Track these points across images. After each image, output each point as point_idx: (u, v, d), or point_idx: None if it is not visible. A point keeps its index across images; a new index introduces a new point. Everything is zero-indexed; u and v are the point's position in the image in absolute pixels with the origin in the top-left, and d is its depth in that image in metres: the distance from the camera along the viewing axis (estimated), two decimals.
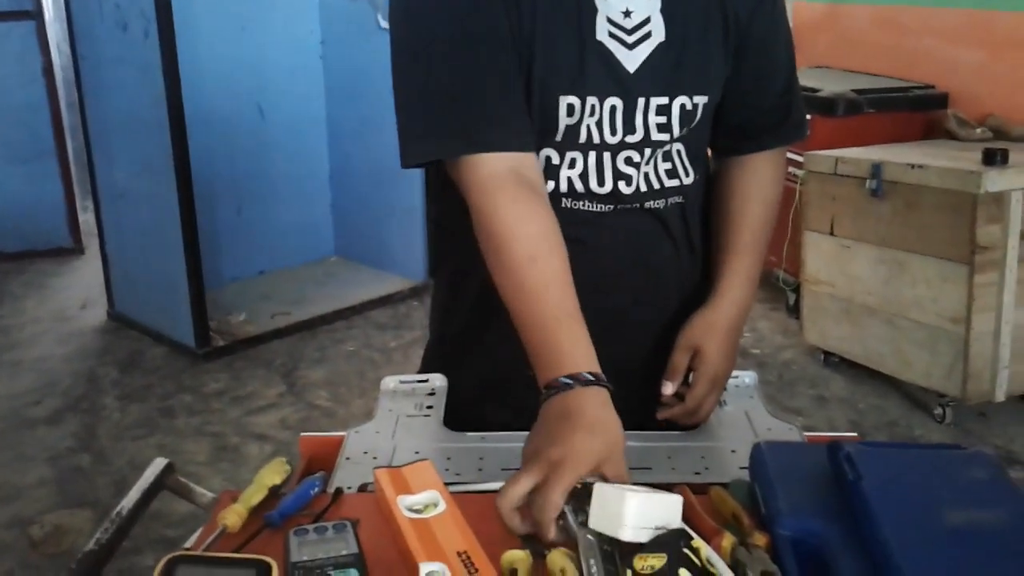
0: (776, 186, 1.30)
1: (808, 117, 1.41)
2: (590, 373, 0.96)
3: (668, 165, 1.18)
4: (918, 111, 3.97)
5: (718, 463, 1.07)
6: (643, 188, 1.16)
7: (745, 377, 1.30)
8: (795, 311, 3.95)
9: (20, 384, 3.55)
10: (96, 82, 3.77)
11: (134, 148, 3.71)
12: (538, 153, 1.12)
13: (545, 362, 0.98)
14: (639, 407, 1.27)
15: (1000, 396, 3.03)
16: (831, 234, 3.38)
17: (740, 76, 1.20)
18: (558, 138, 1.12)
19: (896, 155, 3.21)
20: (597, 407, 0.94)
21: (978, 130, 3.62)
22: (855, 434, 1.22)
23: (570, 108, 1.10)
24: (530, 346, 1.01)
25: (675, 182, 1.19)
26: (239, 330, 3.90)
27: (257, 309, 4.11)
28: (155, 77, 3.39)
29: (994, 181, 2.86)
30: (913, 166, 3.05)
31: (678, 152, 1.18)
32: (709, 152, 1.29)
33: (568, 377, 0.96)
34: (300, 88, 4.46)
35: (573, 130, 1.11)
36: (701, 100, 1.15)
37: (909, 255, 3.12)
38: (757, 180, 1.27)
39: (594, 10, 1.09)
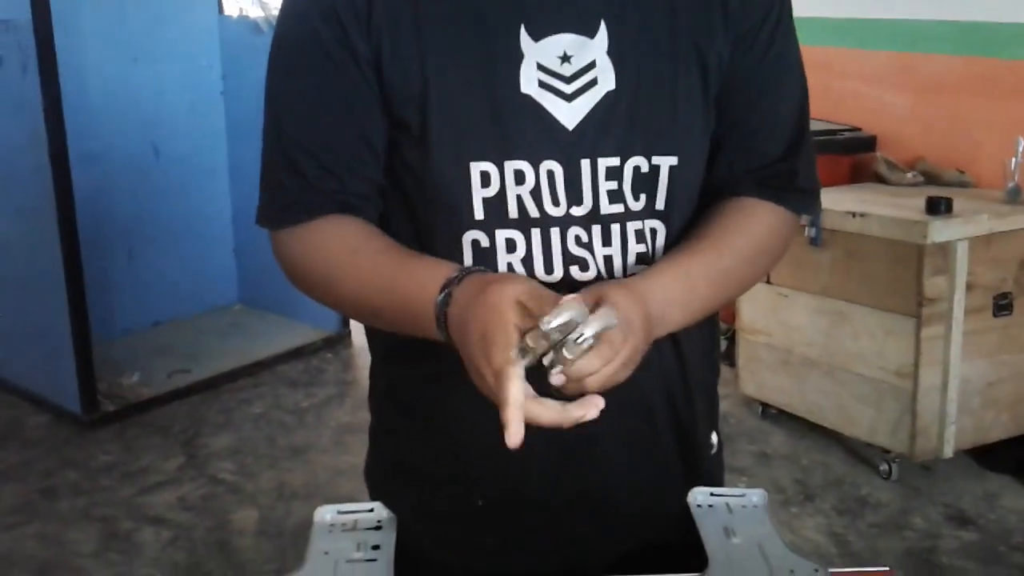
0: (771, 237, 1.01)
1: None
2: (442, 285, 0.84)
3: (642, 248, 0.94)
4: (846, 154, 3.91)
5: None
6: (604, 275, 0.93)
7: (753, 496, 1.08)
8: (728, 358, 3.82)
9: None
10: None
11: (9, 193, 3.38)
12: (460, 237, 0.91)
13: (418, 311, 0.85)
14: (621, 535, 1.05)
15: (948, 452, 2.93)
16: (767, 282, 3.25)
17: (726, 131, 0.98)
18: (479, 215, 0.90)
19: (834, 202, 3.10)
20: (464, 306, 0.81)
21: (909, 174, 3.56)
22: (887, 568, 1.03)
23: (484, 176, 0.89)
24: (398, 314, 0.89)
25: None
26: (132, 393, 3.55)
27: (152, 367, 3.76)
28: (34, 115, 3.09)
29: (939, 231, 2.76)
30: (854, 214, 2.95)
31: (652, 231, 0.95)
32: None
33: (436, 307, 0.84)
34: (199, 125, 4.20)
35: (495, 203, 0.90)
36: (665, 161, 0.93)
37: (851, 306, 3.01)
38: (746, 214, 0.99)
39: (519, 57, 0.89)
